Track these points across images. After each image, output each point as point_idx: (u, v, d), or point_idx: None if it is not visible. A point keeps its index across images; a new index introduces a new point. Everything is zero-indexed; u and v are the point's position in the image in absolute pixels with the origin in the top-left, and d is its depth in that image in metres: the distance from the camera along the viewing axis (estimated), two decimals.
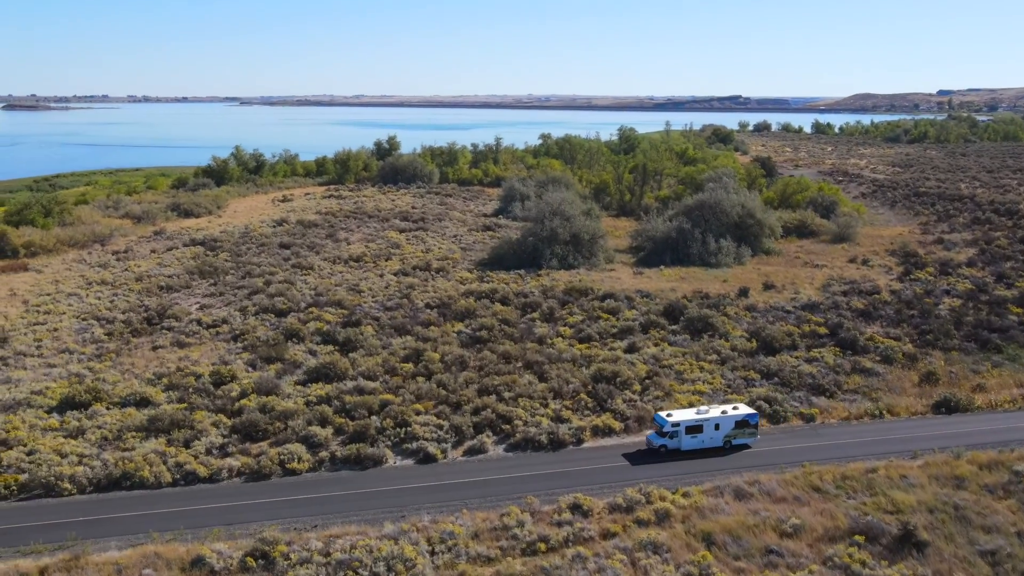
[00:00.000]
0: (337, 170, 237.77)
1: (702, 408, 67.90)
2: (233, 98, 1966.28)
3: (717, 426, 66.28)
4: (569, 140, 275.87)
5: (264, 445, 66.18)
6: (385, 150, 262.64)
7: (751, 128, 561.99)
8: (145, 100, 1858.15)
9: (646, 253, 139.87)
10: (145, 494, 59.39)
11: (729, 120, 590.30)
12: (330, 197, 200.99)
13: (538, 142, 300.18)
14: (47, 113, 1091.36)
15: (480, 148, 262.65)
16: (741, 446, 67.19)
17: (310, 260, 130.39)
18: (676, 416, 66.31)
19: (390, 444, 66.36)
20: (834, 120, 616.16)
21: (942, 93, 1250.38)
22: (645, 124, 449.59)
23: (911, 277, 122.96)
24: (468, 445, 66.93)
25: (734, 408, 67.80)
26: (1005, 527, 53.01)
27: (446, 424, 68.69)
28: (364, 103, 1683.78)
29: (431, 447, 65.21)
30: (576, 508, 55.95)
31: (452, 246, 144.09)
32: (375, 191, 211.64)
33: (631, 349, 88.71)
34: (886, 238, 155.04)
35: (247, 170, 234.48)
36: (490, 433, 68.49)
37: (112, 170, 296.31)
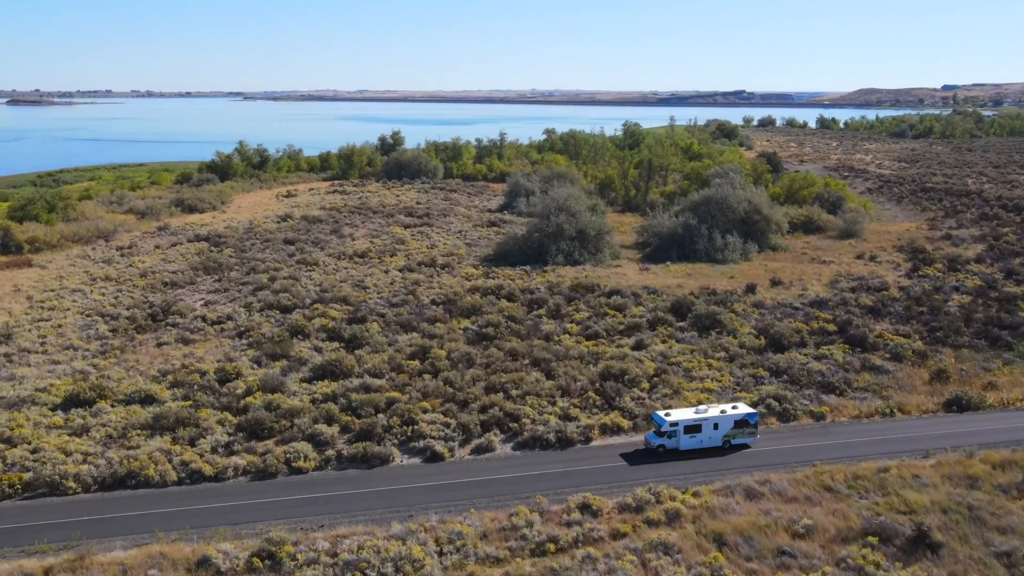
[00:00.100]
0: (341, 165, 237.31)
1: (701, 407, 67.10)
2: (237, 93, 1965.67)
3: (716, 426, 65.43)
4: (574, 135, 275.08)
5: (270, 443, 65.65)
6: (389, 145, 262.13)
7: (755, 123, 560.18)
8: (149, 95, 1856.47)
9: (652, 249, 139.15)
10: (150, 493, 58.88)
11: (733, 115, 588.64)
12: (334, 192, 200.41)
13: (542, 137, 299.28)
14: (51, 108, 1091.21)
15: (484, 143, 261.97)
16: (740, 446, 66.36)
17: (315, 256, 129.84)
18: (674, 416, 65.54)
19: (397, 442, 65.78)
20: (838, 115, 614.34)
21: (947, 88, 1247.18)
22: (648, 119, 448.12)
23: (919, 273, 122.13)
24: (475, 443, 66.35)
25: (733, 407, 66.94)
26: (1020, 528, 52.30)
27: (453, 422, 68.12)
28: (367, 98, 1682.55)
29: (438, 445, 64.63)
30: (585, 508, 55.35)
31: (457, 242, 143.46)
32: (379, 186, 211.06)
33: (638, 346, 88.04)
34: (893, 234, 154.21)
35: (251, 165, 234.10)
36: (497, 431, 67.87)
37: (116, 165, 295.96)
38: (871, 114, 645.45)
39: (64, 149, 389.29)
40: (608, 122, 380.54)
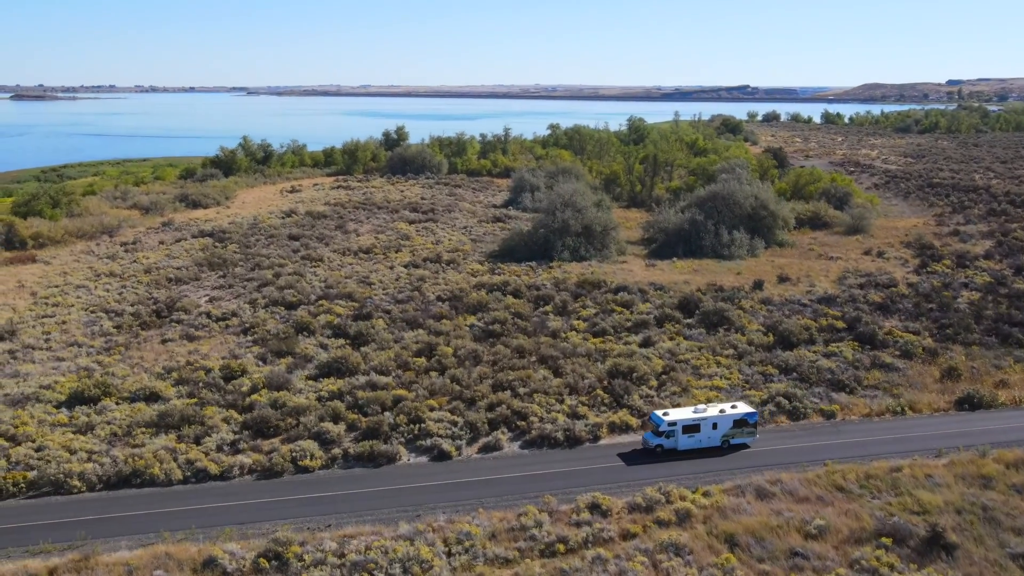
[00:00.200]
0: (345, 160, 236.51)
1: (699, 407, 66.30)
2: (240, 88, 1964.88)
3: (715, 425, 64.63)
4: (579, 130, 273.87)
5: (276, 442, 65.12)
6: (393, 140, 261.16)
7: (760, 118, 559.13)
8: (152, 90, 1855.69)
9: (658, 245, 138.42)
10: (155, 492, 58.39)
11: (737, 110, 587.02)
12: (339, 188, 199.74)
13: (546, 132, 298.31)
14: (55, 103, 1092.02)
15: (488, 138, 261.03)
16: (740, 446, 65.58)
17: (319, 252, 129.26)
18: (673, 415, 64.77)
19: (403, 441, 65.22)
20: (843, 110, 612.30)
21: (951, 83, 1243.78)
22: (652, 114, 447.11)
23: (928, 270, 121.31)
24: (483, 442, 65.72)
25: (732, 407, 66.13)
26: None
27: (460, 420, 67.50)
28: (371, 93, 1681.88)
29: (445, 444, 64.05)
30: (595, 508, 54.75)
31: (462, 237, 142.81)
32: (384, 182, 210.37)
33: (646, 343, 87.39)
34: (900, 230, 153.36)
35: (255, 160, 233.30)
36: (505, 430, 67.27)
37: (119, 160, 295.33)
38: (876, 109, 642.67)
39: (68, 144, 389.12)
40: (612, 117, 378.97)
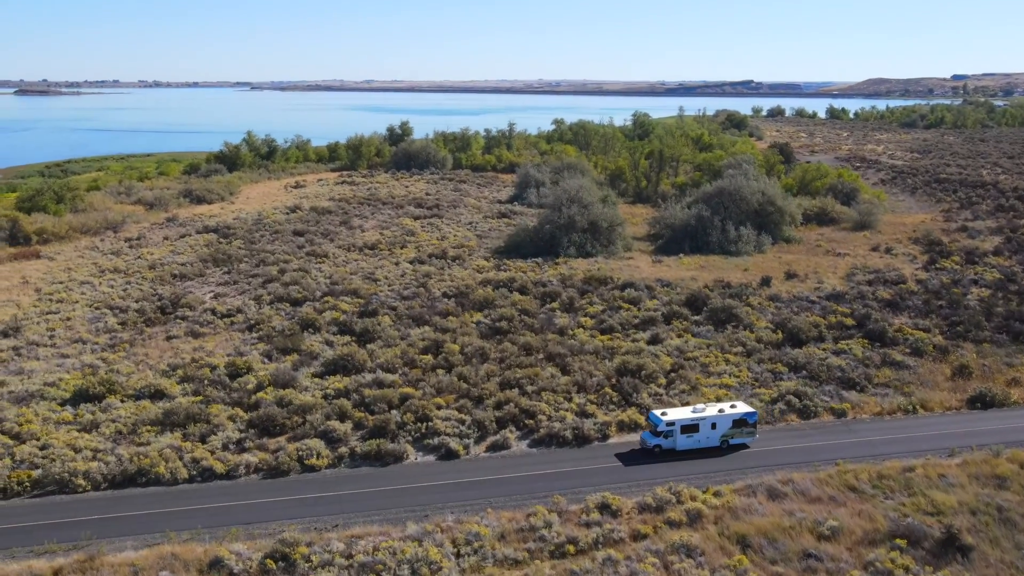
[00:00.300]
0: (349, 156, 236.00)
1: (698, 407, 65.52)
2: (244, 83, 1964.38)
3: (714, 425, 63.82)
4: (584, 126, 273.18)
5: (282, 440, 64.55)
6: (397, 135, 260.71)
7: (764, 113, 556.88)
8: (156, 85, 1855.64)
9: (665, 241, 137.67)
10: (161, 491, 57.87)
11: (741, 105, 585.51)
12: (343, 183, 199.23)
13: (551, 127, 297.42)
14: (58, 98, 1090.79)
15: (493, 134, 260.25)
16: (739, 446, 64.78)
17: (324, 248, 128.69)
18: (671, 415, 64.00)
19: (411, 439, 64.64)
20: (848, 105, 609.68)
21: (956, 78, 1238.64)
22: (656, 109, 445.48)
23: (936, 266, 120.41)
24: (491, 441, 65.12)
25: (732, 406, 65.33)
26: None
27: (468, 419, 66.93)
28: (374, 88, 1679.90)
29: (453, 443, 63.45)
30: (605, 508, 54.12)
31: (468, 233, 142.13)
32: (388, 177, 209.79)
33: (654, 340, 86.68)
34: (908, 226, 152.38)
35: (259, 156, 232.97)
36: (513, 428, 66.64)
37: (123, 155, 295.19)
38: (881, 104, 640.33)
39: (72, 139, 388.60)
40: (616, 112, 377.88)
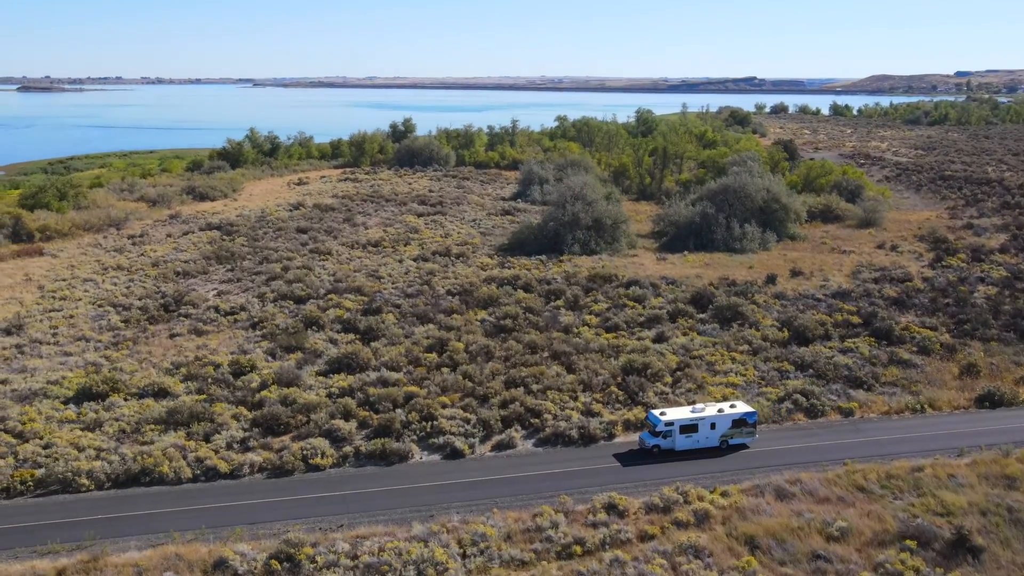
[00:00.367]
0: (353, 153, 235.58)
1: (697, 406, 65.01)
2: (246, 80, 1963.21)
3: (713, 425, 63.28)
4: (587, 122, 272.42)
5: (286, 439, 64.19)
6: (401, 132, 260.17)
7: (768, 110, 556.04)
8: (159, 82, 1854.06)
9: (669, 238, 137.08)
10: (165, 490, 57.52)
11: (744, 102, 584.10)
12: (346, 180, 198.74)
13: (554, 124, 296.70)
14: (61, 95, 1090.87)
15: (496, 130, 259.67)
16: (739, 446, 64.26)
17: (328, 245, 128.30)
18: (670, 415, 63.47)
19: (416, 439, 64.26)
20: (851, 102, 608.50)
21: (960, 74, 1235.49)
22: (659, 106, 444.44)
23: (942, 264, 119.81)
24: (496, 440, 64.70)
25: (731, 406, 64.79)
26: None
27: (473, 418, 66.49)
28: (376, 84, 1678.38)
29: (458, 442, 63.06)
30: (611, 508, 53.75)
31: (471, 231, 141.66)
32: (391, 174, 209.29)
33: (659, 339, 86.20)
34: (913, 223, 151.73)
35: (262, 153, 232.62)
36: (519, 427, 66.26)
37: (126, 152, 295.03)
38: (884, 101, 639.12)
39: (74, 136, 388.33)
40: (619, 108, 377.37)
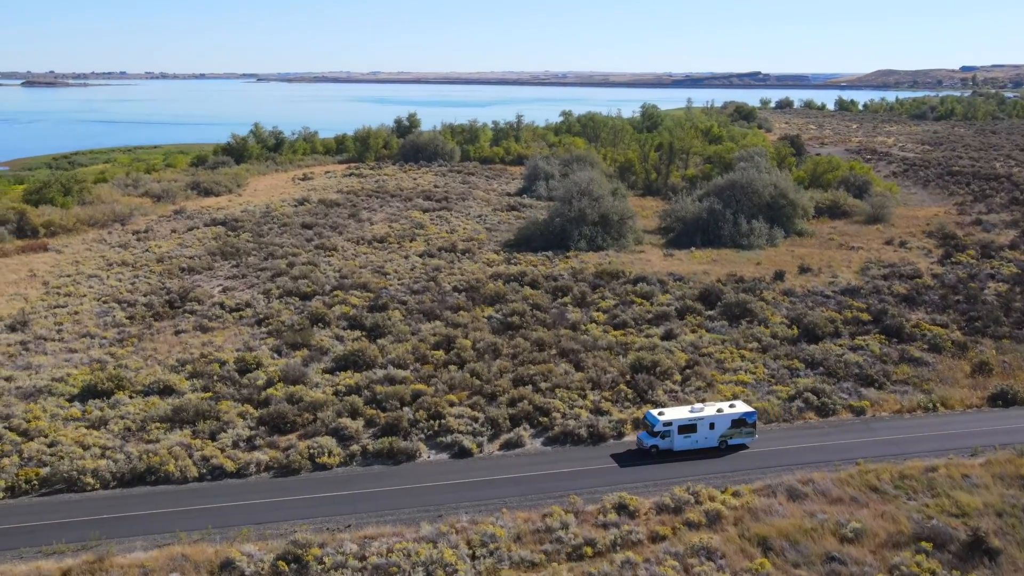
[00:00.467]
0: (357, 148, 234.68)
1: (696, 406, 64.29)
2: (250, 74, 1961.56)
3: (712, 425, 62.51)
4: (592, 118, 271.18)
5: (293, 438, 63.67)
6: (405, 128, 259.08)
7: (773, 105, 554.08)
8: (162, 76, 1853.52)
9: (676, 234, 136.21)
10: (170, 489, 57.04)
11: (749, 97, 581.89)
12: (351, 175, 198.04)
13: (558, 119, 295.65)
14: (65, 89, 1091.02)
15: (501, 125, 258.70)
16: (738, 446, 63.52)
17: (333, 241, 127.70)
18: (668, 415, 62.74)
19: (423, 437, 63.69)
20: (856, 97, 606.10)
21: (965, 69, 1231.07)
22: (664, 101, 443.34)
23: (952, 260, 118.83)
24: (505, 438, 64.12)
25: (731, 406, 64.03)
26: None
27: (481, 416, 65.91)
28: (381, 79, 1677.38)
29: (466, 441, 62.48)
30: (622, 508, 53.12)
31: (477, 226, 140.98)
32: (396, 169, 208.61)
33: (668, 336, 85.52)
34: (921, 219, 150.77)
35: (266, 148, 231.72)
36: (527, 426, 65.65)
37: (130, 147, 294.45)
38: (890, 96, 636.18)
39: (79, 131, 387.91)
40: (623, 104, 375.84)
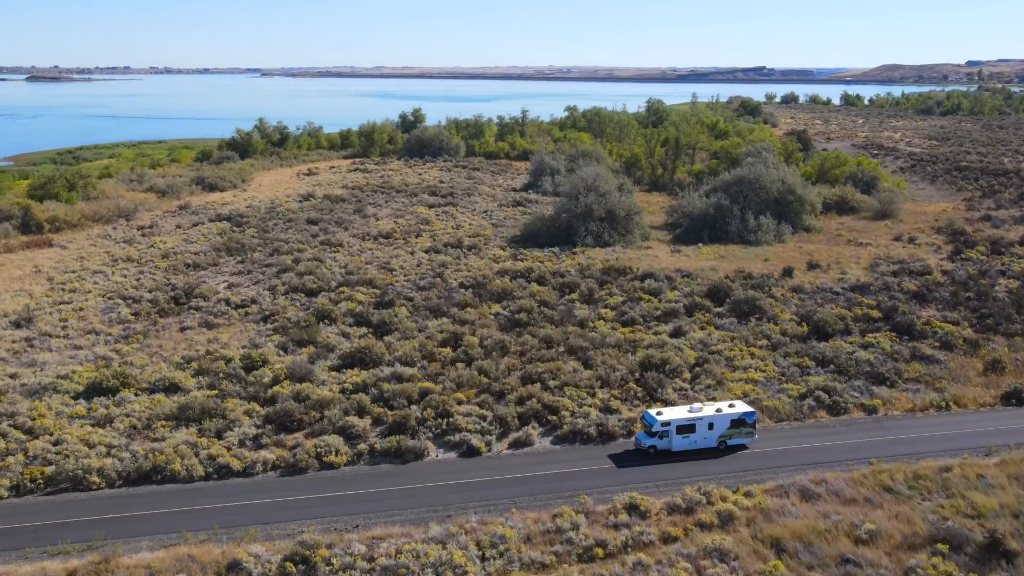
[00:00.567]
0: (362, 143, 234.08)
1: (695, 406, 63.48)
2: (254, 69, 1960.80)
3: (711, 425, 61.75)
4: (598, 112, 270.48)
5: (299, 436, 63.08)
6: (410, 123, 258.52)
7: (778, 100, 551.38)
8: (167, 71, 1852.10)
9: (683, 230, 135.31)
10: (176, 489, 56.50)
11: (754, 92, 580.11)
12: (356, 171, 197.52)
13: (563, 114, 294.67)
14: (70, 84, 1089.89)
15: (506, 120, 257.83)
16: (737, 447, 62.78)
17: (339, 236, 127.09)
18: (667, 415, 62.00)
19: (431, 436, 63.03)
20: (862, 91, 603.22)
21: (971, 64, 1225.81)
22: (668, 96, 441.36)
23: (962, 256, 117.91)
24: (513, 437, 63.46)
25: (730, 406, 63.23)
26: None
27: (489, 415, 65.28)
28: (385, 74, 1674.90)
29: (475, 439, 61.86)
30: (633, 508, 52.51)
31: (483, 222, 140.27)
32: (401, 164, 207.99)
33: (677, 333, 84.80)
34: (930, 215, 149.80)
35: (271, 143, 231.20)
36: (536, 424, 65.02)
37: (135, 142, 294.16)
38: (896, 91, 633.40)
39: (83, 126, 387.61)
40: (628, 99, 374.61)
